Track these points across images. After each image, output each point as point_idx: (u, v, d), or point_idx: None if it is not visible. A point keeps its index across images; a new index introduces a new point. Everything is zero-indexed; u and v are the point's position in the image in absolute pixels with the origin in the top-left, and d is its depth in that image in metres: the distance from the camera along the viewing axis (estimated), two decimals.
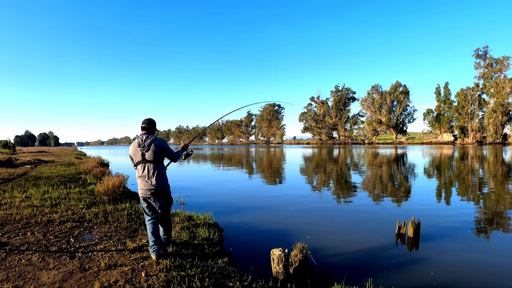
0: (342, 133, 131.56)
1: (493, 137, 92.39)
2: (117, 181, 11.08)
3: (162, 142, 5.55)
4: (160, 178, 5.46)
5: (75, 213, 8.29)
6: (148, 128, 5.60)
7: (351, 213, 10.67)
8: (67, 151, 72.82)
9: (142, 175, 5.46)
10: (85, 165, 21.26)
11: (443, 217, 9.94)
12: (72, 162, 29.14)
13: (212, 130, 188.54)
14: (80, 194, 11.22)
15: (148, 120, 5.66)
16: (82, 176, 16.89)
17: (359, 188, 15.60)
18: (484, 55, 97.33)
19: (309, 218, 10.15)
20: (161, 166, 5.56)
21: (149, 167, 5.42)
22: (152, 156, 5.40)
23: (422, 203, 12.04)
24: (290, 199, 13.39)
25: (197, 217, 8.29)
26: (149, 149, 5.40)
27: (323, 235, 8.36)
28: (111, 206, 9.18)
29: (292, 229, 8.78)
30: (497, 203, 11.86)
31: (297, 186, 17.08)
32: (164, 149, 5.53)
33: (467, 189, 15.03)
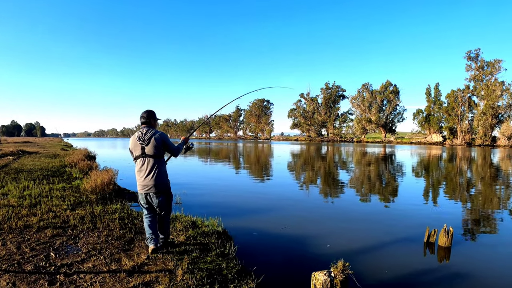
0: (331, 131, 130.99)
1: (482, 139, 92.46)
2: (106, 177, 9.83)
3: (163, 136, 5.30)
4: (159, 174, 5.25)
5: (58, 216, 7.07)
6: (148, 121, 5.37)
7: (366, 215, 9.62)
8: (53, 142, 70.61)
9: (141, 169, 5.26)
10: (71, 157, 20.00)
11: (472, 223, 8.94)
12: (57, 153, 27.68)
13: (199, 124, 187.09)
14: (64, 191, 10.00)
15: (147, 112, 5.41)
16: (67, 169, 15.62)
17: (355, 186, 14.56)
18: (476, 57, 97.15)
19: (322, 221, 9.18)
20: (161, 161, 5.35)
21: (148, 162, 5.21)
22: (152, 151, 5.19)
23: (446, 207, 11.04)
24: (293, 197, 12.38)
25: (202, 223, 7.15)
26: (149, 143, 5.18)
27: (344, 243, 7.36)
28: (99, 207, 7.98)
29: (308, 236, 7.78)
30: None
31: (297, 183, 15.96)
32: (164, 143, 5.29)
33: (494, 192, 14.09)
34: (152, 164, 5.18)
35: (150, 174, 5.17)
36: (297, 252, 6.72)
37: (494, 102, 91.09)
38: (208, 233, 6.40)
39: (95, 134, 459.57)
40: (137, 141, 5.23)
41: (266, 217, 9.65)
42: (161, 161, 5.30)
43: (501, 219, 9.79)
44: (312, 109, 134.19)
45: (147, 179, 5.18)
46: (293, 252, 6.75)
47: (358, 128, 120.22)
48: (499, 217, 9.98)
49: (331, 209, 10.92)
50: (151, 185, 5.18)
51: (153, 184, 5.18)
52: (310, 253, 6.63)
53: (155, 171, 5.18)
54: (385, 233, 8.24)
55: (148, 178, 5.18)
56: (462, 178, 19.43)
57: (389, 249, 7.10)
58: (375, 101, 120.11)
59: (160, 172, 5.23)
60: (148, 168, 5.18)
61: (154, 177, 5.17)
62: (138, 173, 5.29)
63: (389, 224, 9.06)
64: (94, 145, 66.69)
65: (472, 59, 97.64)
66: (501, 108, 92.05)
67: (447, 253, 6.87)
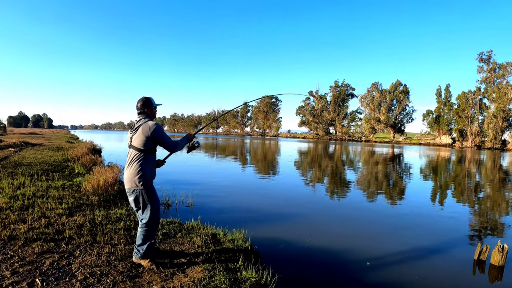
0: (339, 129, 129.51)
1: (492, 142, 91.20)
2: (110, 177, 8.65)
3: (151, 127, 4.45)
4: (135, 167, 4.41)
5: (51, 224, 5.92)
6: (142, 111, 4.67)
7: (403, 226, 8.42)
8: (59, 134, 69.74)
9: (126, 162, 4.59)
10: (75, 150, 18.95)
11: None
12: (61, 146, 26.54)
13: (207, 119, 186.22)
14: (63, 190, 8.87)
15: (140, 100, 4.71)
16: (69, 164, 14.51)
17: (382, 191, 13.36)
18: (488, 59, 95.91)
19: (353, 231, 8.03)
20: (144, 155, 4.45)
21: (130, 154, 4.51)
22: (137, 141, 4.43)
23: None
24: (315, 202, 11.19)
25: (224, 236, 5.99)
26: (135, 132, 4.49)
27: (384, 259, 6.27)
28: (101, 213, 6.82)
29: (341, 251, 6.71)
30: None
31: (317, 186, 14.72)
32: (155, 135, 4.43)
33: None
34: (133, 156, 4.44)
35: (127, 167, 4.47)
36: (335, 273, 5.67)
37: (505, 105, 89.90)
38: (233, 250, 5.26)
39: (102, 126, 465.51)
40: (129, 130, 4.63)
41: (288, 224, 8.54)
42: (143, 155, 4.44)
43: None
44: (321, 107, 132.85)
45: (125, 174, 4.51)
46: (330, 272, 5.67)
47: (367, 128, 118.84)
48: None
49: (361, 217, 9.68)
50: (125, 180, 4.47)
51: (126, 178, 4.46)
52: (350, 274, 5.65)
53: (131, 163, 4.43)
54: (429, 248, 7.11)
55: (125, 172, 4.50)
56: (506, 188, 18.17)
57: (436, 267, 6.08)
58: (384, 101, 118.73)
59: (136, 165, 4.40)
60: (128, 161, 4.49)
61: (128, 170, 4.44)
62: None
63: (432, 237, 7.88)
64: (101, 138, 65.38)
65: (484, 61, 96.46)
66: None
67: (500, 272, 6.01)
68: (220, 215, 8.93)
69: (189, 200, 10.14)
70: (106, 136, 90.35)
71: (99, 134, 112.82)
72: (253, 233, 7.19)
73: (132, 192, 4.39)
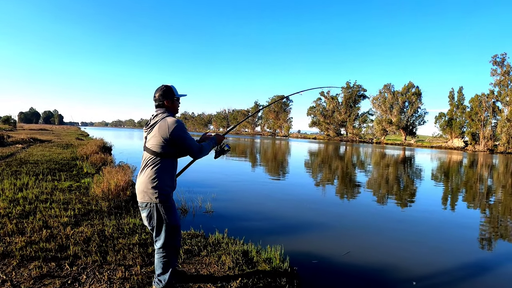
0: (350, 131, 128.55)
1: (504, 146, 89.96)
2: (122, 180, 7.74)
3: (170, 125, 3.44)
4: (149, 175, 3.44)
5: (53, 237, 5.04)
6: (161, 103, 3.67)
7: (446, 238, 7.48)
8: (69, 130, 69.27)
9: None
10: (84, 148, 18.17)
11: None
12: (71, 143, 25.69)
13: (217, 118, 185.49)
14: (70, 193, 8.02)
15: (159, 89, 3.68)
16: (78, 163, 13.68)
17: (420, 197, 12.38)
18: (502, 62, 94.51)
19: (389, 242, 7.11)
20: (162, 160, 3.48)
21: (144, 158, 3.56)
22: (152, 142, 3.49)
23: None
24: (343, 208, 10.24)
25: (258, 254, 5.08)
26: (151, 131, 3.54)
27: (431, 278, 5.40)
28: (112, 222, 5.93)
29: (381, 267, 5.90)
30: None
31: (342, 191, 13.77)
32: (172, 136, 3.42)
33: None
34: (147, 161, 3.49)
35: (141, 175, 3.53)
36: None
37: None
38: (271, 274, 4.37)
39: (112, 124, 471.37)
40: (144, 128, 3.68)
41: (317, 234, 7.66)
42: (160, 159, 3.47)
43: None
44: (332, 108, 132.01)
45: (137, 182, 3.57)
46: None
47: (378, 129, 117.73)
48: None
49: (395, 227, 8.73)
50: (137, 191, 3.54)
51: (138, 188, 3.52)
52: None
53: (145, 170, 3.48)
54: (477, 267, 6.18)
55: (138, 180, 3.57)
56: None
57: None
58: (396, 103, 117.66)
59: (151, 172, 3.44)
60: (142, 166, 3.55)
61: (141, 178, 3.50)
62: None
63: (479, 255, 6.92)
64: (111, 135, 65.15)
65: (498, 63, 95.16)
66: None
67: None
68: (241, 223, 8.13)
69: (207, 206, 9.25)
70: (116, 133, 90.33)
71: (109, 131, 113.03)
72: (283, 246, 6.33)
73: (145, 206, 3.47)
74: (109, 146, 24.05)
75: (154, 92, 3.66)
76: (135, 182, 3.53)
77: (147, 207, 3.45)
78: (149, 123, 3.57)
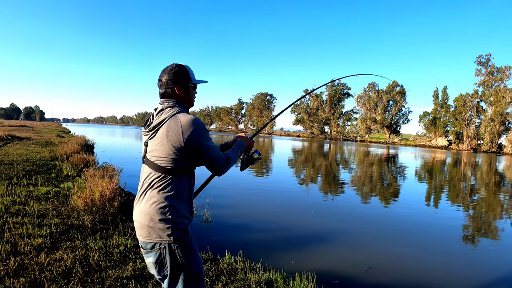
0: (334, 129, 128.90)
1: (488, 146, 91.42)
2: (107, 188, 6.60)
3: (186, 125, 2.22)
4: (156, 204, 2.22)
5: (24, 268, 3.93)
6: (166, 91, 2.39)
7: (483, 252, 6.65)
8: (50, 127, 67.57)
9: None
10: (65, 146, 16.96)
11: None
12: (51, 141, 24.18)
13: (201, 115, 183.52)
14: (47, 202, 6.92)
15: (168, 69, 2.40)
16: (57, 163, 12.53)
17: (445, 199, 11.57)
18: (486, 62, 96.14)
19: (410, 256, 6.30)
20: (171, 180, 2.25)
21: (146, 175, 2.30)
22: (157, 152, 2.23)
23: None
24: (356, 214, 9.40)
25: (285, 286, 4.15)
26: (155, 135, 2.26)
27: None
28: (98, 244, 4.85)
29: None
30: None
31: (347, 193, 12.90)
32: (190, 142, 2.21)
33: None
34: (151, 180, 2.26)
35: (140, 200, 2.31)
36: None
37: (503, 109, 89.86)
38: None
39: (94, 120, 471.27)
40: (143, 129, 2.40)
41: (331, 247, 6.87)
42: (170, 179, 2.25)
43: None
44: (316, 106, 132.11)
45: (135, 211, 2.34)
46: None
47: (363, 128, 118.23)
48: None
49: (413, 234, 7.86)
50: (137, 225, 2.30)
51: (138, 221, 2.29)
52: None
53: (148, 195, 2.26)
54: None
55: (136, 210, 2.33)
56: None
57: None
58: (381, 101, 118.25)
59: (158, 198, 2.23)
60: (142, 188, 2.32)
61: (142, 205, 2.28)
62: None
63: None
64: (93, 132, 64.32)
65: (483, 64, 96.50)
66: (510, 115, 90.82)
67: None
68: (244, 235, 7.30)
69: (203, 214, 8.28)
70: (99, 130, 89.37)
71: (92, 127, 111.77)
72: (293, 261, 5.48)
73: (152, 248, 2.26)
74: (91, 144, 22.88)
75: (160, 74, 2.43)
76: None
77: (156, 250, 2.24)
78: (151, 122, 2.35)
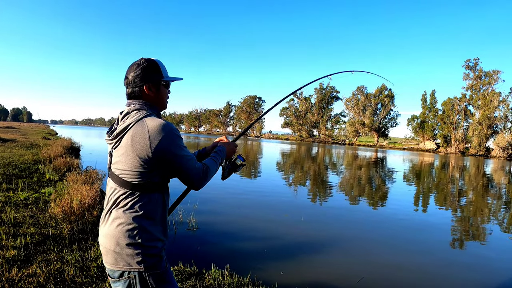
0: (323, 132, 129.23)
1: (476, 149, 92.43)
2: (87, 195, 6.30)
3: (154, 132, 1.82)
4: (122, 226, 1.84)
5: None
6: (132, 91, 2.00)
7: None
8: (37, 128, 66.88)
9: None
10: (49, 149, 16.58)
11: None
12: (36, 143, 23.70)
13: (189, 118, 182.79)
14: (25, 209, 6.65)
15: (136, 65, 1.99)
16: (40, 167, 12.22)
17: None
18: (474, 67, 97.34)
19: (406, 264, 5.96)
20: (139, 197, 1.86)
21: (111, 191, 1.92)
22: (122, 165, 1.85)
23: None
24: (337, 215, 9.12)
25: None
26: (119, 144, 1.88)
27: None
28: (75, 256, 4.58)
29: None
30: None
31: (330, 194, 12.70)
32: (157, 152, 1.82)
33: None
34: (115, 198, 1.90)
35: (105, 222, 1.94)
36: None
37: (491, 112, 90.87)
38: None
39: (82, 122, 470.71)
40: (106, 137, 2.02)
41: (322, 255, 6.60)
42: (138, 196, 1.87)
43: None
44: (305, 109, 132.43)
45: (101, 231, 1.98)
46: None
47: (351, 131, 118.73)
48: None
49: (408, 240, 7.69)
50: (103, 250, 1.93)
51: (102, 246, 1.94)
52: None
53: (113, 214, 1.90)
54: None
55: (102, 232, 1.97)
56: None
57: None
58: (369, 105, 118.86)
59: (124, 218, 1.85)
60: (107, 206, 1.96)
61: (107, 229, 1.91)
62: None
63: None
64: (81, 134, 63.53)
65: (471, 68, 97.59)
66: (497, 119, 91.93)
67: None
68: (231, 244, 7.06)
69: (189, 221, 8.03)
70: (86, 132, 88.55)
71: (79, 129, 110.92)
72: (282, 272, 5.30)
73: (120, 277, 1.87)
74: (77, 147, 22.44)
75: (127, 71, 2.03)
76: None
77: (124, 279, 1.85)
78: (115, 128, 1.95)
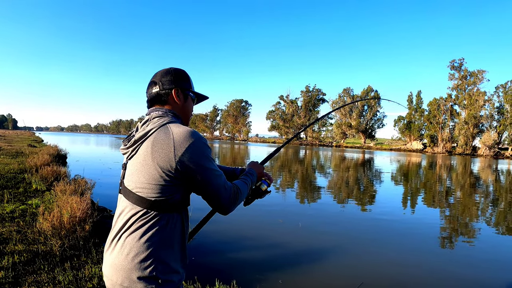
0: (310, 134, 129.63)
1: (462, 148, 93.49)
2: (78, 208, 5.92)
3: (181, 139, 1.48)
4: (133, 254, 1.45)
5: None
6: (154, 97, 1.71)
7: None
8: (23, 135, 65.86)
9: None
10: (35, 157, 16.06)
11: None
12: (21, 151, 23.06)
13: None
14: (11, 223, 6.25)
15: (164, 72, 1.74)
16: (26, 176, 11.76)
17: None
18: (460, 67, 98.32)
19: (405, 270, 5.85)
20: (157, 218, 1.49)
21: (122, 210, 1.53)
22: (137, 178, 1.48)
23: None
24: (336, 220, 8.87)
25: None
26: (135, 154, 1.52)
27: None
28: (68, 277, 4.19)
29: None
30: None
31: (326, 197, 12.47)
32: (183, 162, 1.47)
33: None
34: (127, 219, 1.54)
35: (113, 247, 1.56)
36: None
37: (477, 111, 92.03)
38: None
39: (68, 128, 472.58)
40: (122, 146, 1.69)
41: (321, 262, 6.37)
42: (155, 216, 1.52)
43: None
44: (292, 112, 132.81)
45: (106, 260, 1.59)
46: None
47: (338, 133, 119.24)
48: None
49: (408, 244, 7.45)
50: (107, 281, 1.57)
51: (108, 279, 1.56)
52: None
53: (123, 239, 1.53)
54: None
55: (108, 259, 1.58)
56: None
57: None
58: (356, 106, 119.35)
59: (137, 245, 1.49)
60: (115, 228, 1.60)
61: (116, 257, 1.53)
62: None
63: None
64: (67, 141, 62.87)
65: (456, 68, 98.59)
66: (483, 118, 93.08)
67: None
68: (228, 253, 6.77)
69: None
70: (73, 138, 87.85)
71: (65, 136, 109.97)
72: (281, 281, 5.14)
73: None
74: (64, 154, 21.91)
75: (153, 76, 1.77)
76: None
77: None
78: (132, 135, 1.67)
